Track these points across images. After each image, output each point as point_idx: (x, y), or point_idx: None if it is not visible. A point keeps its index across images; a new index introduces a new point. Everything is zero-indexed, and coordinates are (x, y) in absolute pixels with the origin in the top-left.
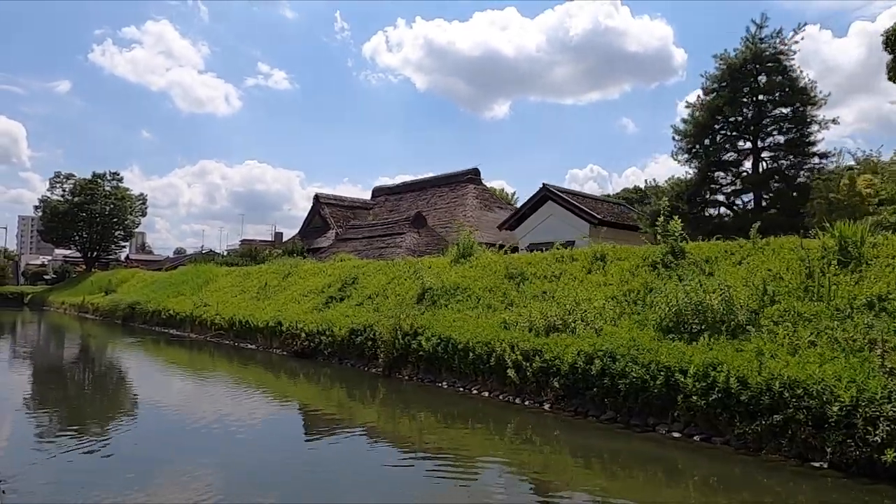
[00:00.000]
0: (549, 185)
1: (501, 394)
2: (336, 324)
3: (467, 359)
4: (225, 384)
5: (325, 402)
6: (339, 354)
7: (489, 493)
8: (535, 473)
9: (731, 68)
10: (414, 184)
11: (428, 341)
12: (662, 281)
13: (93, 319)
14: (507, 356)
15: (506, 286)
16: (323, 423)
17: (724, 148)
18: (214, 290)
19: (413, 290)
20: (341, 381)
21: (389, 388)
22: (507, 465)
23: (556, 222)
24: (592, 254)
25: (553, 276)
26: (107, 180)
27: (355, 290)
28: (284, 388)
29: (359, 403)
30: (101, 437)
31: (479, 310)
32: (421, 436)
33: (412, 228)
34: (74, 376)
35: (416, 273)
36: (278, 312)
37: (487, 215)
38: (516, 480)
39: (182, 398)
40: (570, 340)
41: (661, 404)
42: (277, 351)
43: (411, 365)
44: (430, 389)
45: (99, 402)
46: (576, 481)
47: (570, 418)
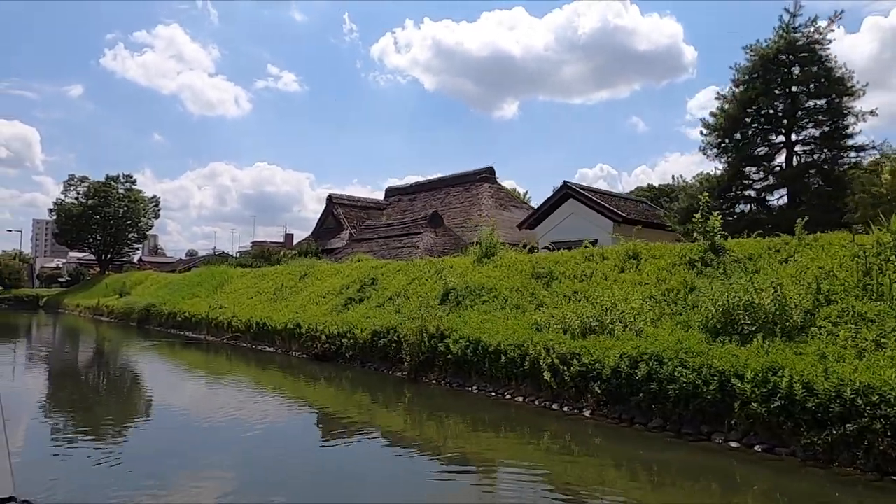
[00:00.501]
0: (571, 183)
1: (537, 399)
2: (357, 326)
3: (499, 362)
4: (244, 388)
5: (347, 407)
6: (362, 357)
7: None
8: (572, 484)
9: (763, 59)
10: (427, 183)
11: (456, 344)
12: (704, 280)
13: (108, 322)
14: (542, 360)
15: (533, 286)
16: (346, 428)
17: (755, 142)
18: (230, 292)
19: (436, 291)
20: (364, 385)
21: (415, 393)
22: (542, 475)
23: (578, 220)
24: (624, 252)
25: (583, 275)
26: (120, 183)
27: (375, 291)
28: (305, 391)
29: (383, 408)
30: (123, 440)
31: (506, 311)
32: (449, 441)
33: (429, 228)
34: (94, 381)
35: (438, 273)
36: (296, 314)
37: (503, 214)
38: (550, 491)
39: (201, 403)
40: (609, 343)
41: (715, 411)
42: (297, 354)
43: (438, 368)
44: (459, 394)
45: (119, 406)
46: (619, 494)
47: (614, 426)
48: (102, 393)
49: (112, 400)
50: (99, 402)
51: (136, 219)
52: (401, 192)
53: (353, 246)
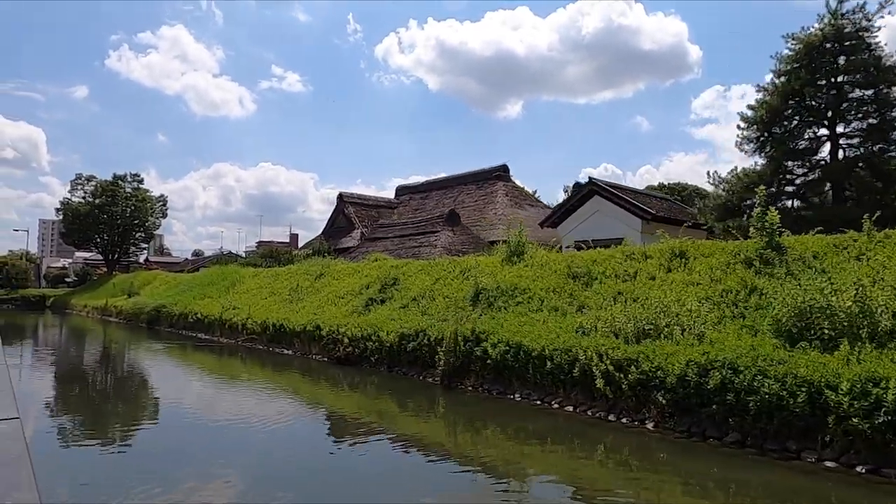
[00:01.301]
0: (596, 179)
1: (590, 409)
2: (383, 328)
3: (544, 368)
4: (264, 393)
5: (375, 415)
6: (388, 362)
7: None
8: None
9: (808, 47)
10: (439, 182)
11: (494, 348)
12: (766, 280)
13: (116, 323)
14: (594, 366)
15: (571, 287)
16: (375, 438)
17: (797, 135)
18: (242, 293)
19: (464, 292)
20: (393, 392)
21: (450, 400)
22: (593, 491)
23: (604, 218)
24: (669, 250)
25: (626, 275)
26: (127, 182)
27: (397, 292)
28: (328, 397)
29: (414, 416)
30: (141, 445)
31: (544, 313)
32: (488, 452)
33: (447, 226)
34: (107, 385)
35: (464, 273)
36: (314, 315)
37: (519, 213)
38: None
39: (220, 409)
40: (671, 348)
41: (804, 426)
42: (317, 357)
43: (475, 374)
44: (499, 402)
45: (134, 411)
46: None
47: (682, 440)
48: (116, 398)
49: (127, 406)
50: (114, 411)
51: (143, 218)
52: (412, 191)
53: (366, 245)
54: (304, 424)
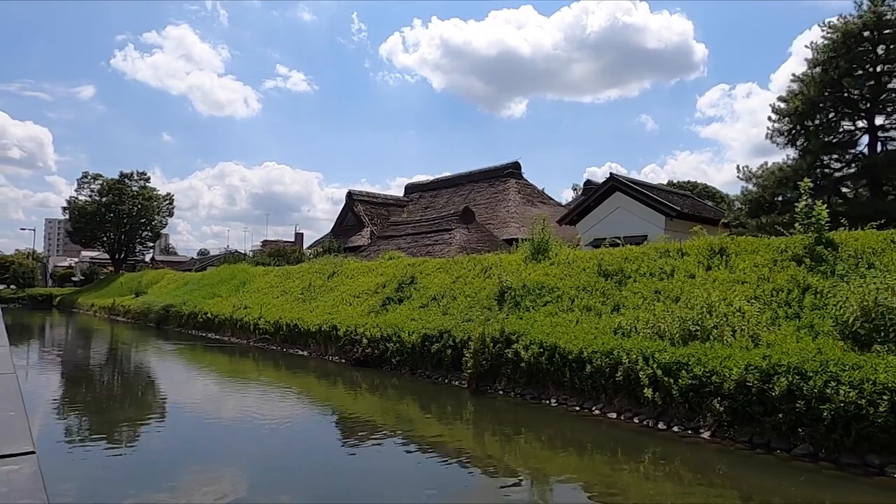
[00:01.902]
0: (618, 175)
1: (636, 416)
2: (404, 328)
3: (583, 372)
4: (280, 396)
5: (396, 419)
6: (411, 364)
7: None
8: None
9: (846, 36)
10: (450, 180)
11: (527, 350)
12: (819, 277)
13: (124, 322)
14: (640, 370)
15: (603, 285)
16: (394, 441)
17: (834, 127)
18: (253, 292)
19: (487, 291)
20: (416, 396)
21: (479, 405)
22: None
23: (626, 215)
24: (708, 247)
25: (662, 273)
26: (134, 180)
27: (416, 291)
28: (345, 400)
29: (438, 420)
30: (160, 453)
31: (576, 313)
32: (518, 459)
33: (461, 224)
34: (118, 388)
35: (484, 271)
36: (330, 315)
37: (531, 210)
38: None
39: (234, 410)
40: (724, 351)
41: (887, 439)
42: (334, 358)
43: (505, 378)
44: (533, 407)
45: (147, 416)
46: None
47: (744, 451)
48: (127, 401)
49: (138, 409)
50: (125, 416)
51: (150, 217)
52: (421, 189)
53: (378, 243)
54: (321, 427)
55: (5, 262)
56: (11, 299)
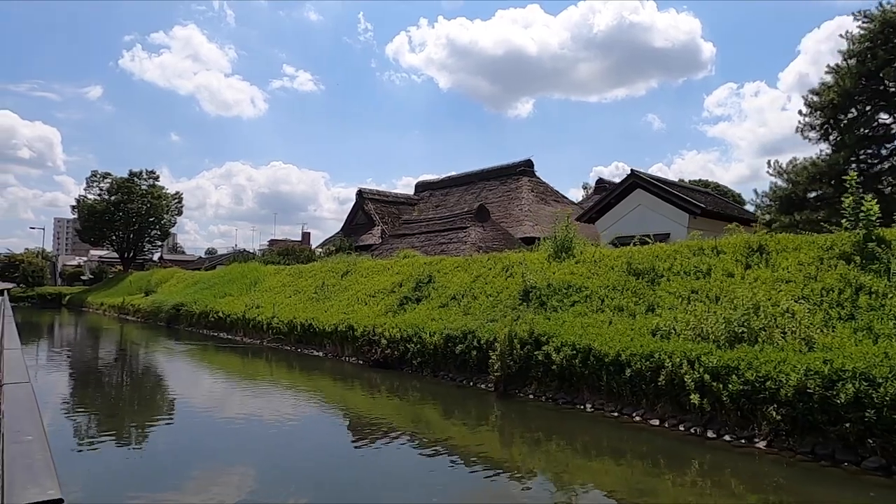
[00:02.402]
0: (639, 172)
1: (681, 423)
2: (425, 329)
3: (621, 376)
4: (295, 398)
5: (418, 424)
6: (433, 365)
7: None
8: None
9: (885, 25)
10: (461, 178)
11: (559, 352)
12: (873, 276)
13: (134, 321)
14: (686, 374)
15: (634, 285)
16: (419, 449)
17: (871, 120)
18: (264, 291)
19: (510, 290)
20: (438, 398)
21: (506, 409)
22: None
23: (647, 213)
24: (745, 245)
25: (698, 271)
26: (143, 179)
27: (434, 290)
28: (363, 403)
29: (462, 424)
30: (167, 452)
31: (607, 313)
32: (547, 466)
33: (476, 222)
34: (131, 391)
35: (506, 270)
36: (345, 315)
37: (545, 209)
38: None
39: (249, 412)
40: (777, 354)
41: None
42: (351, 359)
43: (535, 381)
44: (566, 413)
45: (163, 419)
46: None
47: (806, 462)
48: (140, 404)
49: (152, 412)
50: (141, 421)
51: (159, 215)
52: (432, 187)
53: (391, 242)
54: (339, 431)
55: (15, 261)
56: (21, 298)
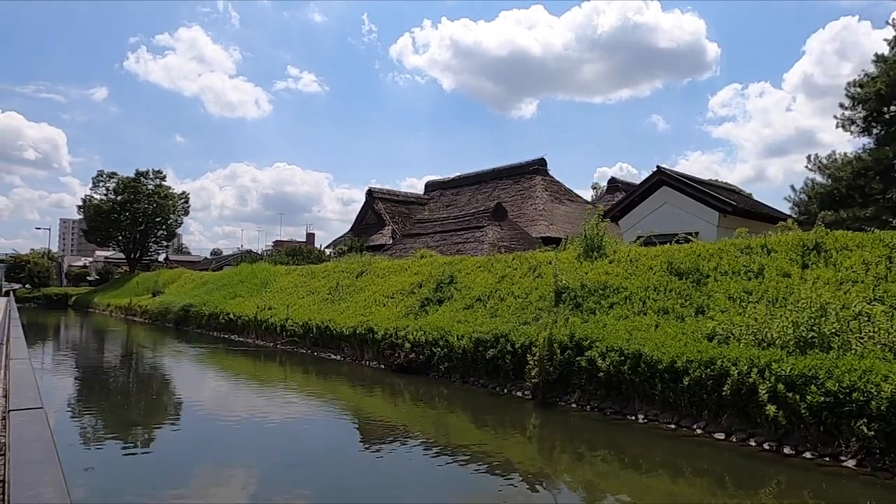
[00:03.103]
0: (665, 168)
1: (750, 437)
2: (451, 332)
3: (677, 384)
4: (314, 405)
5: (448, 433)
6: (462, 371)
7: None
8: None
9: None
10: (472, 177)
11: (604, 358)
12: None
13: (141, 323)
14: (758, 384)
15: (677, 285)
16: (449, 459)
17: None
18: (276, 292)
19: (539, 291)
20: (468, 405)
21: (546, 418)
22: None
23: (674, 211)
24: (800, 243)
25: (749, 271)
26: (150, 179)
27: (457, 291)
28: (387, 410)
29: (496, 435)
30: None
31: (651, 316)
32: (599, 483)
33: (493, 221)
34: (144, 398)
35: (532, 270)
36: (363, 317)
37: (559, 208)
38: None
39: (267, 419)
40: (862, 363)
41: None
42: (371, 363)
43: (579, 388)
44: (615, 423)
45: (177, 430)
46: None
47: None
48: (154, 413)
49: (167, 423)
50: (159, 435)
51: (165, 215)
52: (442, 187)
53: (404, 241)
54: (363, 440)
55: (21, 262)
56: (27, 299)
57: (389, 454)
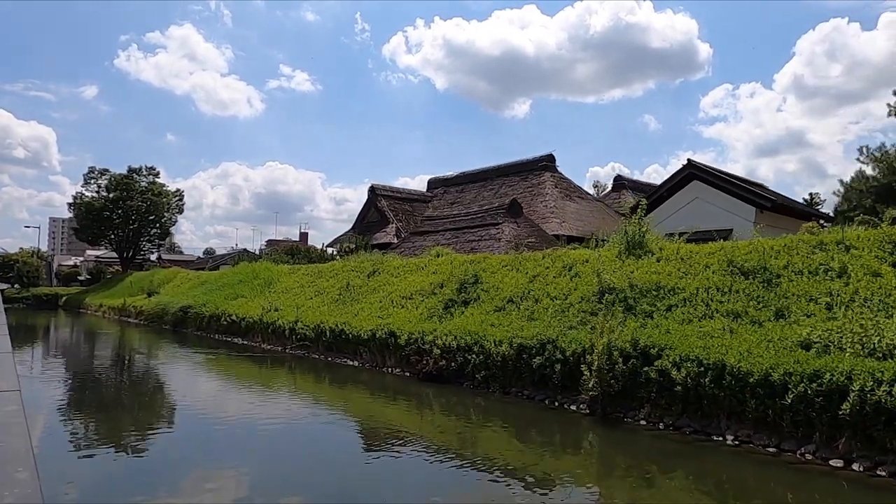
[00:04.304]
0: (696, 162)
1: (878, 466)
2: (486, 337)
3: (776, 401)
4: (336, 418)
5: (501, 456)
6: (501, 380)
7: None
8: None
9: None
10: (477, 174)
11: (678, 369)
12: None
13: (136, 324)
14: (885, 402)
15: (743, 285)
16: (501, 482)
17: None
18: (281, 292)
19: (579, 291)
20: (515, 420)
21: (609, 436)
22: None
23: (706, 207)
24: (886, 239)
25: (828, 270)
26: (143, 175)
27: (483, 292)
28: (426, 428)
29: (559, 458)
30: None
31: (719, 319)
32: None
33: (509, 218)
34: (150, 415)
35: (567, 268)
36: (381, 319)
37: (570, 205)
38: None
39: (287, 439)
40: None
41: None
42: (394, 371)
43: (648, 403)
44: (696, 444)
45: (194, 457)
46: None
47: None
48: (162, 436)
49: (176, 445)
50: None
51: (159, 213)
52: (446, 184)
53: (413, 239)
54: (404, 463)
55: (9, 261)
56: (15, 299)
57: (446, 471)
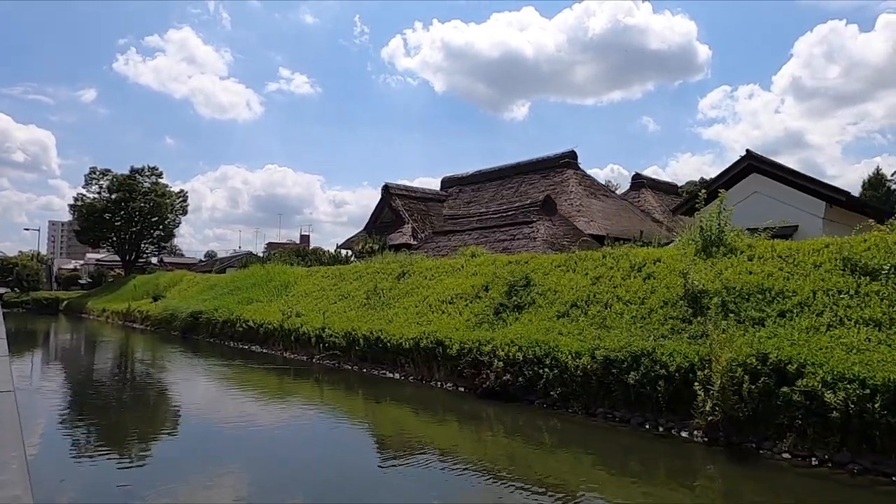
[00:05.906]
0: (755, 153)
1: None
2: (560, 348)
3: None
4: (383, 440)
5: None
6: (584, 398)
7: None
8: None
9: None
10: (494, 172)
11: (834, 391)
12: None
13: (143, 330)
14: None
15: (875, 288)
16: None
17: None
18: (300, 296)
19: (658, 295)
20: (610, 449)
21: (750, 477)
22: None
23: (767, 202)
24: None
25: None
26: (145, 176)
27: (539, 296)
28: (500, 459)
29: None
30: None
31: (855, 328)
32: None
33: (543, 215)
34: (174, 449)
35: (637, 269)
36: (421, 326)
37: (596, 203)
38: None
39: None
40: None
41: None
42: (445, 385)
43: (791, 431)
44: (872, 490)
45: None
46: None
47: None
48: (185, 475)
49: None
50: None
51: (162, 215)
52: (461, 183)
53: (436, 239)
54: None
55: (9, 265)
56: (15, 303)
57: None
